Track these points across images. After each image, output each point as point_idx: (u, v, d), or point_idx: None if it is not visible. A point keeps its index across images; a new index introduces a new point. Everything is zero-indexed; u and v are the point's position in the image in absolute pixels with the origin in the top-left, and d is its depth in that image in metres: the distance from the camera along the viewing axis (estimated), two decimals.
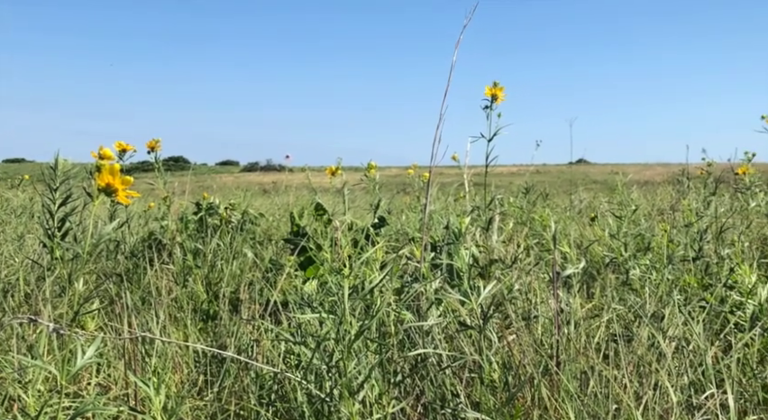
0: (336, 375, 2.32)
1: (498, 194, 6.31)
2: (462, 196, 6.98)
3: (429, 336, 2.89)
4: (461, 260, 2.88)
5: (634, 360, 2.63)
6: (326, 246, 2.40)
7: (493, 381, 2.62)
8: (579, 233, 6.13)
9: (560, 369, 2.60)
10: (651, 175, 27.19)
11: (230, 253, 4.55)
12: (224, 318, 3.37)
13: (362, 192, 6.58)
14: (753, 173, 5.16)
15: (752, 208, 5.09)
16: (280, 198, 10.42)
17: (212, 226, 5.31)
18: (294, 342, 2.58)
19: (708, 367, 2.47)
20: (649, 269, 4.10)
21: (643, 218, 5.83)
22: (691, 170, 6.99)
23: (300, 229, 4.42)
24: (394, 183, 18.63)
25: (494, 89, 3.47)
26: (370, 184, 5.14)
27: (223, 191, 11.90)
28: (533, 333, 3.03)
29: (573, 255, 4.17)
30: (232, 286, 4.17)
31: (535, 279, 3.73)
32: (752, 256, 4.53)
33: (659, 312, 3.18)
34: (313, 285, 3.28)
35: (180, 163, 49.97)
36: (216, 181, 24.71)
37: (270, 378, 2.73)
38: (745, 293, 3.08)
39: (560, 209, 8.52)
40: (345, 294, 2.27)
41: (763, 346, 2.89)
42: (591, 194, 11.59)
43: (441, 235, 4.07)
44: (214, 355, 3.05)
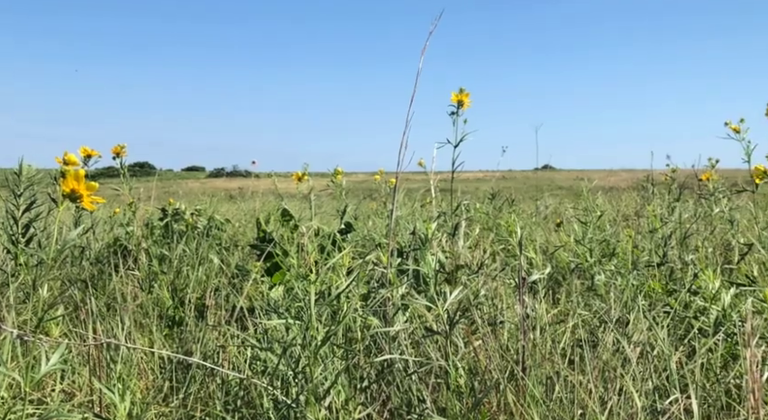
0: (302, 381, 2.32)
1: (464, 200, 6.31)
2: (429, 202, 6.98)
3: (396, 342, 2.89)
4: (427, 266, 2.89)
5: (599, 366, 2.64)
6: (293, 252, 2.40)
7: (459, 387, 2.63)
8: (544, 239, 6.16)
9: (526, 374, 2.61)
10: (616, 181, 27.38)
11: (196, 259, 4.53)
12: (189, 324, 3.36)
13: (329, 198, 6.57)
14: (716, 179, 5.20)
15: (715, 214, 5.12)
16: (247, 204, 10.41)
17: (178, 232, 5.29)
18: (260, 348, 2.57)
19: (673, 372, 2.49)
20: (614, 275, 4.13)
21: (608, 224, 5.87)
22: (656, 176, 7.03)
23: (267, 235, 4.42)
24: (361, 189, 18.64)
25: (460, 95, 3.49)
26: (337, 190, 5.14)
27: (189, 197, 11.87)
28: (499, 339, 3.04)
29: (539, 261, 4.19)
30: (198, 292, 4.16)
31: (501, 285, 3.75)
32: (715, 261, 4.57)
33: (624, 317, 3.20)
34: (279, 291, 3.28)
35: (146, 169, 49.77)
36: (182, 187, 24.67)
37: (236, 384, 2.73)
38: (709, 298, 3.10)
39: (526, 215, 8.57)
40: (312, 300, 2.27)
41: (726, 351, 2.91)
42: (557, 200, 11.64)
43: (407, 241, 4.07)
44: (179, 361, 3.04)
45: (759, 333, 2.81)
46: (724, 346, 2.90)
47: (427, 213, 6.65)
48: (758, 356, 1.94)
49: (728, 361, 2.93)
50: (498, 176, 21.30)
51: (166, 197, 6.69)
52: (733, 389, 2.70)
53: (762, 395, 1.88)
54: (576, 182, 16.50)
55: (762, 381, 1.91)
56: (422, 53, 3.17)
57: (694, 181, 5.68)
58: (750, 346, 1.87)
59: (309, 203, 4.53)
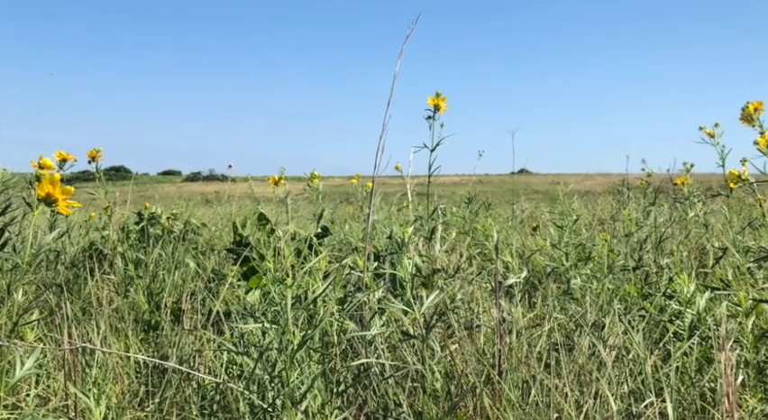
0: (279, 385, 2.32)
1: (440, 203, 6.33)
2: (405, 206, 7.00)
3: (372, 346, 2.90)
4: (403, 270, 2.89)
5: (575, 369, 2.65)
6: (269, 256, 2.40)
7: (435, 391, 2.63)
8: (521, 243, 6.16)
9: (502, 378, 2.62)
10: (592, 185, 27.44)
11: (172, 263, 4.52)
12: (165, 328, 3.34)
13: (305, 202, 6.56)
14: (691, 183, 5.23)
15: (690, 218, 5.15)
16: (223, 208, 10.37)
17: (154, 236, 5.27)
18: (236, 353, 2.57)
19: (648, 375, 2.50)
20: (590, 279, 4.14)
21: (584, 228, 5.88)
22: (631, 180, 7.06)
23: (243, 239, 4.41)
24: (337, 193, 18.62)
25: (437, 99, 3.49)
26: (314, 194, 5.14)
27: (165, 201, 11.82)
28: (475, 343, 3.05)
29: (515, 265, 4.20)
30: (174, 296, 4.14)
31: (478, 289, 3.75)
32: (690, 265, 4.59)
33: (599, 321, 3.21)
34: (256, 295, 3.27)
35: (122, 173, 49.53)
36: (158, 191, 24.56)
37: (212, 388, 2.72)
38: (684, 302, 3.11)
39: (502, 219, 8.57)
40: (288, 304, 2.27)
41: (701, 355, 2.93)
42: (533, 204, 11.66)
43: (384, 245, 4.08)
44: (155, 366, 3.03)
45: (733, 337, 2.83)
46: (699, 350, 2.91)
47: (404, 217, 6.66)
48: (732, 360, 1.96)
49: (703, 365, 2.94)
50: (474, 180, 21.32)
51: (142, 201, 6.66)
52: (707, 393, 2.71)
53: (736, 398, 1.89)
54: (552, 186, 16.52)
55: (736, 385, 1.92)
56: (399, 57, 3.18)
57: (669, 185, 5.72)
58: (724, 350, 1.89)
59: (286, 207, 4.53)
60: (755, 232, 5.45)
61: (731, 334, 2.61)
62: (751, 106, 2.95)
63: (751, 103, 2.95)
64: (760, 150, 2.86)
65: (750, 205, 7.77)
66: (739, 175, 3.08)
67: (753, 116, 2.94)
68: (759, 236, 5.15)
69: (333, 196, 14.81)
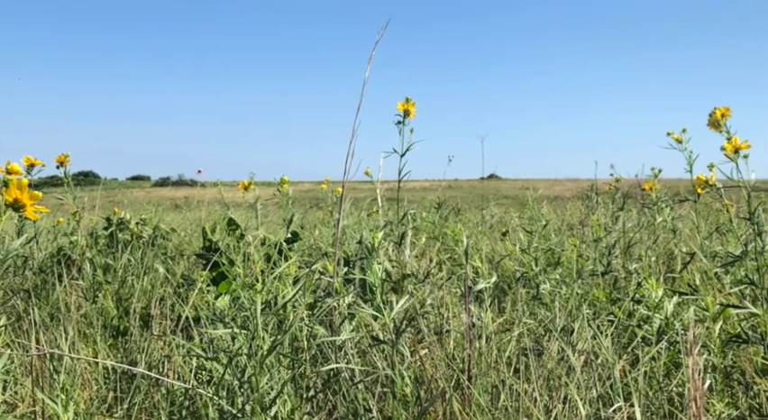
0: (248, 390, 2.31)
1: (410, 209, 6.34)
2: (375, 211, 7.00)
3: (342, 351, 2.89)
4: (373, 275, 2.89)
5: (544, 374, 2.66)
6: (239, 261, 2.39)
7: (405, 396, 2.63)
8: (490, 248, 6.18)
9: (471, 383, 2.62)
10: (561, 190, 27.53)
11: (141, 269, 4.50)
12: (134, 334, 3.33)
13: (275, 207, 6.56)
14: (659, 189, 5.25)
15: (658, 223, 5.18)
16: (192, 213, 10.36)
17: (123, 241, 5.25)
18: (206, 358, 2.56)
19: (616, 380, 2.51)
20: (559, 284, 4.16)
21: (553, 233, 5.91)
22: (600, 186, 7.10)
23: (212, 244, 4.40)
24: (307, 198, 18.62)
25: (406, 105, 3.49)
26: (283, 199, 5.13)
27: (134, 206, 11.78)
28: (445, 348, 3.05)
29: (485, 270, 4.21)
30: (143, 301, 4.13)
31: (448, 294, 3.76)
32: (658, 270, 4.62)
33: (569, 326, 3.23)
34: (225, 300, 3.26)
35: (90, 178, 49.15)
36: (127, 196, 24.46)
37: (182, 394, 2.71)
38: (652, 307, 3.13)
39: (472, 224, 8.59)
40: (258, 309, 2.27)
41: (669, 359, 2.95)
42: (503, 209, 11.70)
43: (354, 250, 4.08)
44: (124, 371, 3.02)
45: (701, 342, 2.85)
46: (667, 354, 2.93)
47: (374, 222, 6.67)
48: (700, 364, 1.97)
49: (671, 370, 2.96)
50: (444, 185, 21.35)
51: (111, 207, 6.63)
52: (675, 397, 2.73)
53: (703, 403, 1.90)
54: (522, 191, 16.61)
55: (703, 389, 1.94)
56: (368, 62, 3.18)
57: (637, 191, 5.75)
58: (692, 354, 1.90)
59: (255, 212, 4.53)
60: (723, 237, 5.49)
61: (699, 339, 2.63)
62: (718, 112, 2.97)
63: (718, 109, 2.97)
64: (727, 156, 2.88)
65: (717, 210, 7.83)
66: (706, 180, 3.10)
67: (720, 122, 2.96)
68: (726, 241, 5.19)
69: (302, 201, 14.82)
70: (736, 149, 2.86)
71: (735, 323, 3.32)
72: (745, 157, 2.87)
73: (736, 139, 2.87)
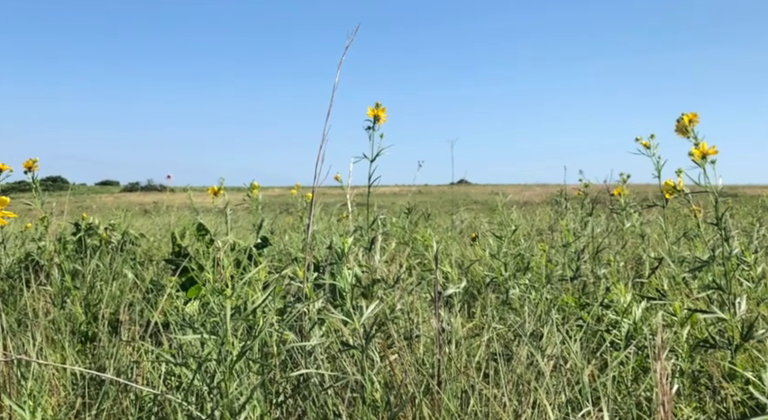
0: (218, 396, 2.31)
1: (380, 214, 6.34)
2: (345, 216, 6.99)
3: (312, 356, 2.89)
4: (343, 280, 2.89)
5: (513, 379, 2.66)
6: (208, 266, 2.39)
7: (375, 401, 2.63)
8: (460, 253, 6.20)
9: (441, 388, 2.62)
10: (530, 195, 27.67)
11: (110, 274, 4.48)
12: (103, 340, 3.31)
13: (245, 212, 6.54)
14: (627, 194, 5.28)
15: (627, 229, 5.21)
16: (162, 219, 10.32)
17: (91, 247, 5.23)
18: (175, 364, 2.55)
19: (585, 385, 2.52)
20: (528, 289, 4.17)
21: (522, 238, 5.93)
22: (569, 191, 7.12)
23: (182, 249, 4.38)
24: (277, 203, 18.60)
25: (376, 110, 3.49)
26: (253, 204, 5.12)
27: (102, 211, 11.72)
28: (415, 353, 3.05)
29: (455, 275, 4.22)
30: (111, 307, 4.11)
31: (417, 299, 3.76)
32: (627, 275, 4.64)
33: (538, 331, 3.24)
34: (195, 305, 3.25)
35: (59, 183, 48.86)
36: (96, 201, 24.32)
37: (150, 399, 2.70)
38: (621, 312, 3.15)
39: (441, 229, 8.60)
40: (227, 314, 2.26)
41: (637, 364, 2.96)
42: (472, 214, 11.72)
43: (324, 255, 4.07)
44: (92, 377, 3.00)
45: (669, 347, 2.87)
46: (635, 359, 2.94)
47: (344, 227, 6.66)
48: (668, 369, 1.98)
49: (639, 374, 2.98)
50: (414, 190, 21.42)
51: (79, 212, 6.60)
52: (643, 402, 2.74)
53: (671, 407, 1.91)
54: (491, 197, 16.67)
55: (671, 394, 1.95)
56: (338, 67, 3.18)
57: (606, 196, 5.77)
58: (660, 359, 1.91)
59: (225, 217, 4.51)
60: (690, 242, 5.53)
61: (666, 344, 2.65)
62: (686, 118, 2.99)
63: (686, 114, 2.99)
64: (695, 162, 2.90)
65: (685, 215, 7.89)
66: (674, 186, 3.12)
67: (688, 128, 2.98)
68: (694, 246, 5.23)
69: (272, 207, 14.81)
70: (703, 154, 2.88)
71: (702, 327, 3.34)
72: (712, 162, 2.89)
73: (704, 144, 2.89)
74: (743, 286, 3.75)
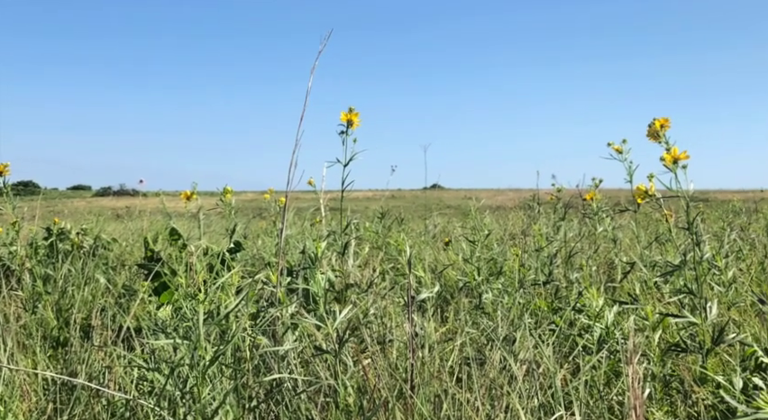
0: (190, 401, 2.30)
1: (354, 218, 6.33)
2: (319, 221, 6.98)
3: (285, 361, 2.89)
4: (317, 285, 2.89)
5: (486, 383, 2.67)
6: (181, 271, 2.38)
7: (348, 405, 2.63)
8: (433, 258, 6.20)
9: (414, 392, 2.62)
10: (503, 200, 27.73)
11: (82, 279, 4.46)
12: (74, 345, 3.30)
13: (218, 217, 6.53)
14: (600, 199, 5.30)
15: (599, 233, 5.23)
16: (134, 223, 10.28)
17: (63, 252, 5.20)
18: (147, 369, 2.54)
19: (558, 389, 2.53)
20: (501, 293, 4.18)
21: (495, 243, 5.93)
22: (542, 196, 7.13)
23: (154, 254, 4.37)
24: (250, 208, 18.56)
25: (349, 115, 3.49)
26: (226, 209, 5.11)
27: (74, 216, 11.66)
28: (388, 357, 3.05)
29: (428, 279, 4.23)
30: (83, 312, 4.09)
31: (391, 303, 3.76)
32: (599, 280, 4.66)
33: (511, 335, 3.24)
34: (167, 310, 3.24)
35: (30, 188, 48.45)
36: (68, 206, 24.19)
37: (122, 405, 2.69)
38: (593, 316, 3.16)
39: (415, 234, 8.61)
40: (200, 319, 2.26)
41: (609, 368, 2.97)
42: (445, 218, 11.73)
43: (297, 260, 4.07)
44: (64, 382, 2.99)
45: (641, 351, 2.88)
46: (607, 363, 2.96)
47: (317, 232, 6.66)
48: (639, 373, 1.99)
49: (611, 378, 2.99)
50: (387, 195, 21.39)
51: (51, 216, 6.56)
52: (615, 406, 2.75)
53: (643, 411, 1.92)
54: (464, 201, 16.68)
55: (643, 398, 1.96)
56: (311, 72, 3.18)
57: (579, 201, 5.79)
58: (632, 363, 1.92)
59: (198, 222, 4.50)
60: (662, 246, 5.56)
61: (638, 348, 2.66)
62: (657, 123, 3.00)
63: (657, 119, 3.00)
64: (666, 166, 2.91)
65: (657, 220, 7.93)
66: (646, 190, 3.13)
67: (659, 133, 2.99)
68: (665, 251, 5.26)
69: (245, 211, 14.77)
70: (674, 159, 2.90)
71: (674, 332, 3.36)
72: (683, 167, 2.90)
73: (675, 149, 2.91)
74: (714, 290, 3.78)
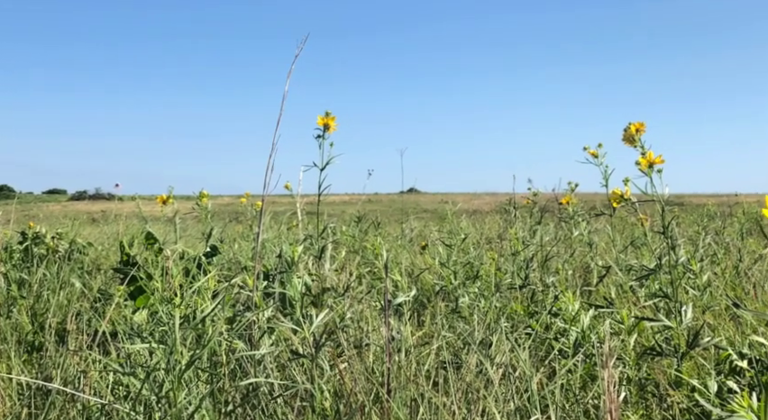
0: (166, 405, 2.29)
1: (330, 222, 6.33)
2: (295, 225, 6.98)
3: (261, 365, 2.88)
4: (293, 289, 2.89)
5: (462, 387, 2.67)
6: (157, 275, 2.37)
7: (325, 410, 2.63)
8: (410, 262, 6.21)
9: (391, 396, 2.62)
10: (479, 204, 27.76)
11: (57, 283, 4.44)
12: (50, 349, 3.28)
13: (194, 221, 6.50)
14: (575, 203, 5.32)
15: (575, 237, 5.24)
16: (110, 227, 10.24)
17: (38, 256, 5.18)
18: (123, 373, 2.53)
19: (534, 393, 2.53)
20: (478, 297, 4.19)
21: (472, 247, 5.94)
22: (518, 200, 7.14)
23: (130, 258, 4.35)
24: (226, 212, 18.52)
25: (326, 118, 3.49)
26: (202, 212, 5.09)
27: (50, 220, 11.61)
28: (364, 361, 3.05)
29: (405, 283, 4.23)
30: (58, 316, 4.07)
31: (367, 307, 3.76)
32: (575, 284, 4.67)
33: (487, 339, 3.25)
34: (143, 314, 3.23)
35: (5, 192, 48.32)
36: (43, 210, 24.06)
37: (98, 409, 2.68)
38: (569, 320, 3.17)
39: (391, 238, 8.62)
40: (176, 323, 2.25)
41: (585, 372, 2.98)
42: (422, 222, 11.75)
43: (274, 264, 4.06)
44: (39, 387, 2.97)
45: (616, 354, 2.89)
46: (583, 367, 2.97)
47: (294, 236, 6.65)
48: (615, 377, 2.00)
49: (587, 382, 3.00)
50: (364, 199, 21.43)
51: (26, 221, 6.54)
52: (591, 409, 2.76)
53: (618, 415, 1.93)
54: (441, 205, 16.71)
55: (618, 402, 1.96)
56: (288, 76, 3.18)
57: (555, 205, 5.81)
58: (607, 367, 1.92)
59: (174, 226, 4.49)
60: (637, 250, 5.58)
61: (614, 352, 2.67)
62: (633, 127, 3.02)
63: (633, 124, 3.02)
64: (641, 171, 2.93)
65: (632, 224, 7.96)
66: (622, 194, 3.15)
67: (635, 137, 3.01)
68: (641, 255, 5.28)
69: (222, 215, 14.74)
70: (650, 163, 2.91)
71: (649, 335, 3.37)
72: (659, 171, 2.92)
73: (651, 153, 2.92)
74: (689, 294, 3.79)
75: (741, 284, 4.68)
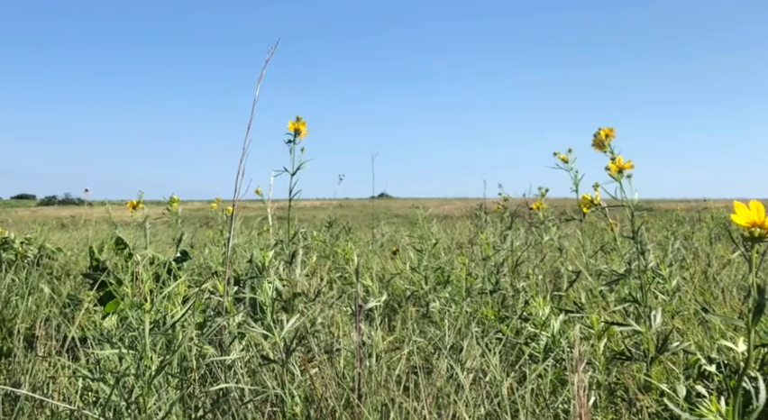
0: (136, 411, 2.28)
1: (301, 227, 6.33)
2: (266, 230, 6.97)
3: (231, 370, 2.88)
4: (264, 294, 2.88)
5: (433, 392, 2.67)
6: (127, 280, 2.36)
7: (295, 415, 2.63)
8: (381, 267, 6.21)
9: (361, 401, 2.62)
10: (450, 209, 27.84)
11: (26, 289, 4.41)
12: (18, 355, 3.26)
13: (165, 226, 6.49)
14: (546, 208, 5.34)
15: (545, 242, 5.26)
16: (79, 232, 10.18)
17: (6, 261, 5.15)
18: (92, 379, 2.52)
19: (504, 397, 2.54)
20: (448, 302, 4.19)
21: (443, 252, 5.96)
22: (489, 205, 7.17)
23: (100, 263, 4.33)
24: (197, 217, 18.47)
25: (297, 123, 3.49)
26: (173, 218, 5.08)
27: (18, 225, 11.54)
28: (335, 367, 3.05)
29: (375, 288, 4.22)
30: (27, 322, 4.04)
31: (338, 312, 3.76)
32: (545, 288, 4.69)
33: (458, 344, 3.25)
34: (113, 320, 3.22)
35: None
36: (12, 215, 23.90)
37: (67, 415, 2.66)
38: (539, 325, 3.18)
39: (362, 243, 8.61)
40: (146, 329, 2.24)
41: (555, 377, 2.99)
42: (393, 227, 11.75)
43: (244, 269, 4.06)
44: (7, 393, 2.95)
45: (586, 359, 2.90)
46: (553, 372, 2.97)
47: (264, 241, 6.65)
48: (585, 381, 2.00)
49: (557, 386, 3.01)
50: (335, 204, 21.40)
51: None
52: (561, 414, 2.77)
53: (588, 419, 1.94)
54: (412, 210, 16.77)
55: (588, 406, 1.97)
56: (258, 81, 3.18)
57: (525, 210, 5.83)
58: (577, 371, 1.93)
59: (144, 231, 4.47)
60: (607, 255, 5.61)
61: (584, 356, 2.68)
62: (602, 133, 3.03)
63: (602, 129, 3.03)
64: (611, 176, 2.94)
65: (602, 229, 8.01)
66: (592, 200, 3.16)
67: (604, 142, 3.02)
68: (611, 260, 5.31)
69: (192, 220, 14.71)
70: (619, 169, 2.92)
71: (619, 340, 3.39)
72: (628, 177, 2.93)
73: (620, 159, 2.93)
74: (658, 298, 3.82)
75: (710, 289, 4.71)
